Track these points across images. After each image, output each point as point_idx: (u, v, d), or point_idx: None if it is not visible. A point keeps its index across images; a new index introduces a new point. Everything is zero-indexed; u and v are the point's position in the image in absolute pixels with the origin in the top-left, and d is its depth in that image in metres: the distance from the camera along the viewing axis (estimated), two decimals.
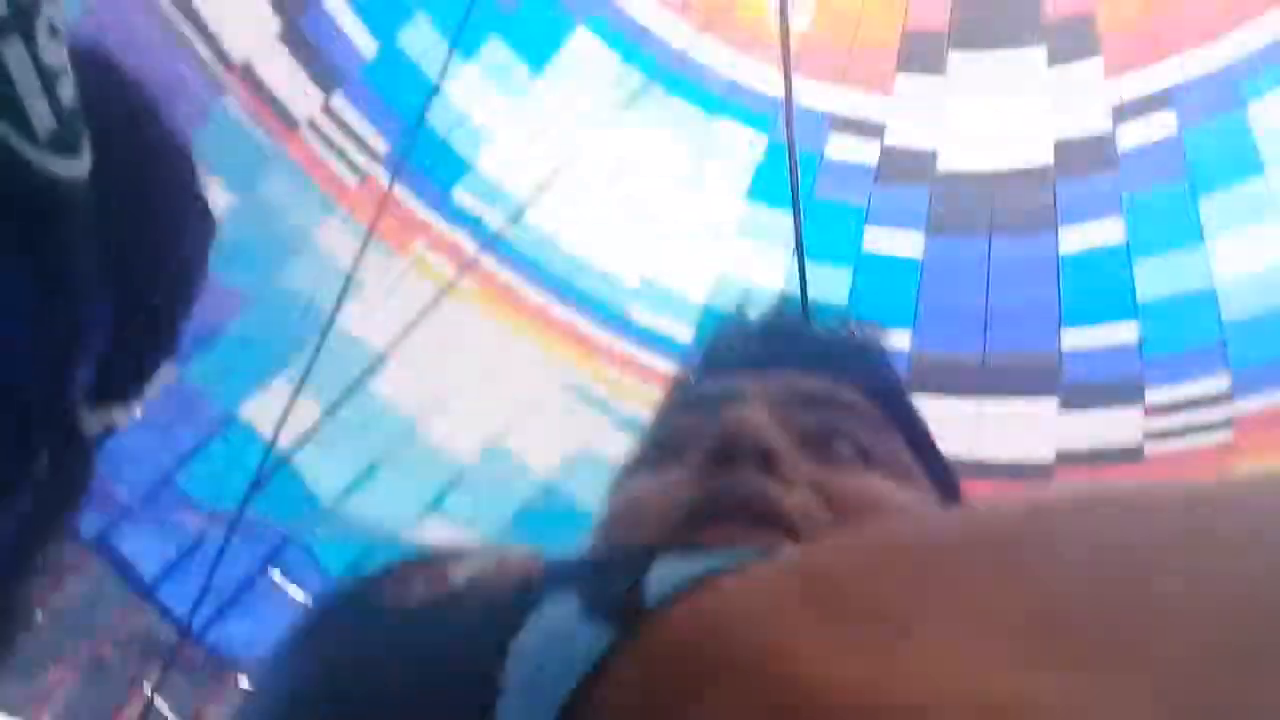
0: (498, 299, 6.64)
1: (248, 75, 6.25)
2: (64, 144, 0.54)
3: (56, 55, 0.54)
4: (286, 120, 6.37)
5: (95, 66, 0.62)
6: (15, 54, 0.52)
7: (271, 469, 3.80)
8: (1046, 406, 5.75)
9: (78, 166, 0.56)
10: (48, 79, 0.53)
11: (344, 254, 5.02)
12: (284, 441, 4.35)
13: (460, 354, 6.08)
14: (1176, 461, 5.52)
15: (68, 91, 0.55)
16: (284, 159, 6.01)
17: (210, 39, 6.07)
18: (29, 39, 0.53)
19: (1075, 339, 5.75)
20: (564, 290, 6.56)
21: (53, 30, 0.54)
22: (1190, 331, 5.51)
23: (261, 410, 5.38)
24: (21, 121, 0.52)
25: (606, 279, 6.50)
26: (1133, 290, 5.52)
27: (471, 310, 6.18)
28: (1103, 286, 5.62)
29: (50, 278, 0.56)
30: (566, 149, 6.41)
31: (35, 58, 0.53)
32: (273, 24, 6.36)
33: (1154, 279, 5.53)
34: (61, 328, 0.58)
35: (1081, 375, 5.71)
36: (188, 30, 5.61)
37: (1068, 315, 5.69)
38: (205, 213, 0.73)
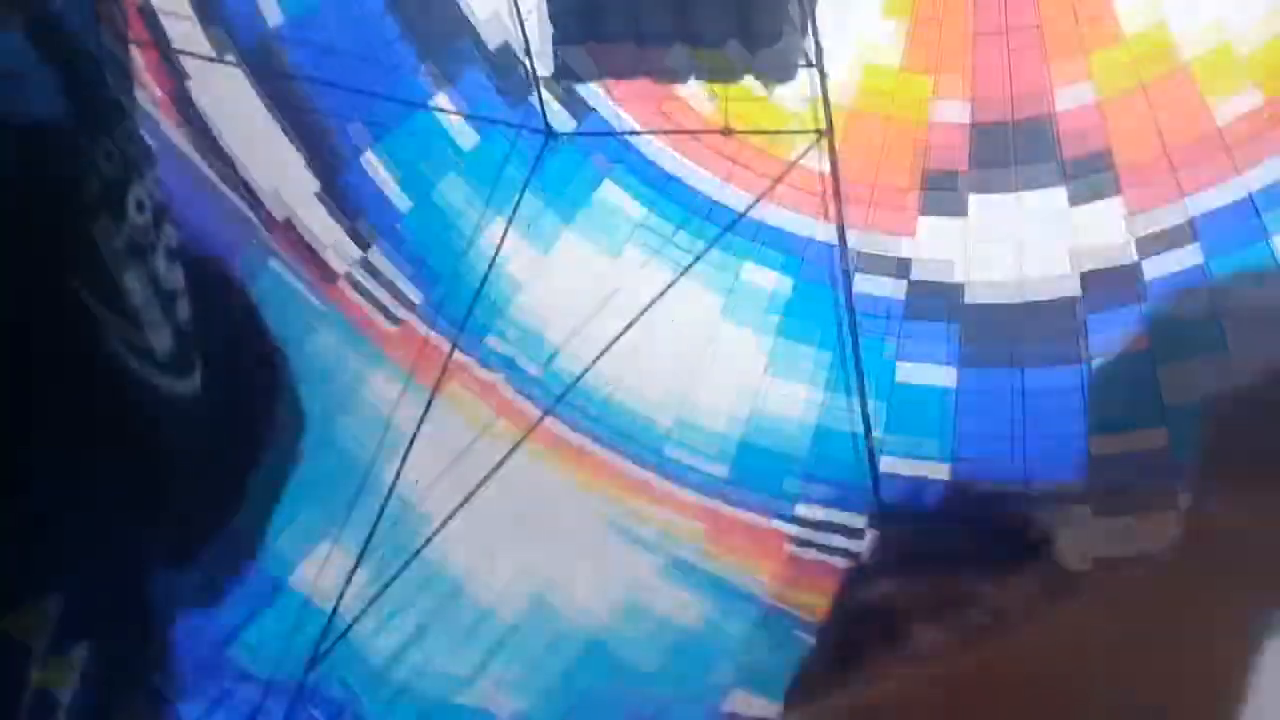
0: (537, 442, 6.70)
1: (289, 232, 6.49)
2: (180, 365, 0.57)
3: (174, 277, 0.58)
4: (326, 274, 6.58)
5: (195, 268, 0.65)
6: (137, 280, 0.56)
7: (332, 644, 3.77)
8: (1079, 513, 5.67)
9: (190, 384, 0.58)
10: (166, 302, 0.57)
11: (388, 408, 5.12)
12: (333, 605, 4.33)
13: (504, 502, 6.10)
14: None
15: (184, 312, 0.58)
16: (330, 314, 6.18)
17: (255, 201, 6.33)
18: (149, 265, 0.56)
19: (1104, 445, 5.71)
20: (599, 430, 6.60)
21: (170, 253, 0.58)
22: None
23: (312, 576, 5.38)
24: (142, 345, 0.55)
25: (640, 419, 6.55)
26: (1159, 396, 5.48)
27: (517, 458, 6.24)
28: (1129, 393, 5.59)
29: (153, 480, 0.58)
30: (596, 295, 6.55)
31: (155, 282, 0.56)
32: (312, 184, 6.62)
33: (1179, 385, 5.48)
34: (156, 529, 0.59)
35: (1113, 482, 5.64)
36: (233, 194, 5.87)
37: (1096, 425, 5.66)
38: (298, 411, 0.76)
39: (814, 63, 4.65)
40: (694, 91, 6.49)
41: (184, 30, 6.21)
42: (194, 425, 0.56)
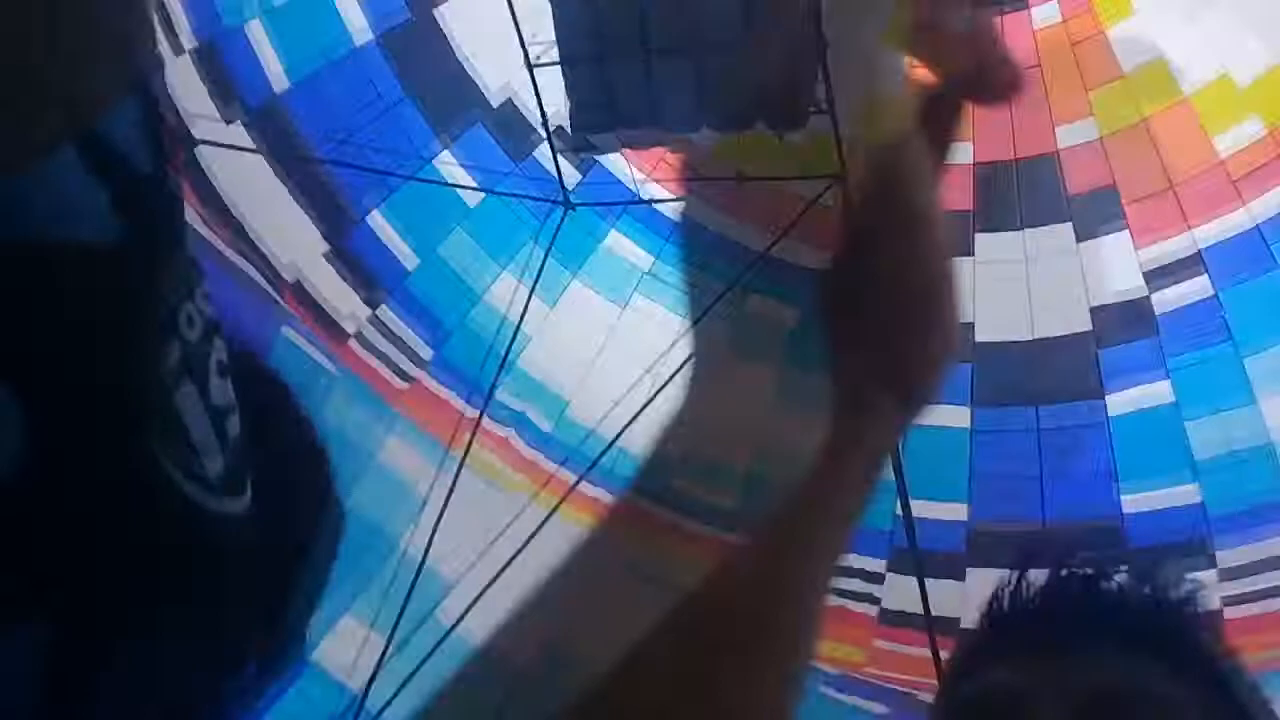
0: (551, 493, 6.67)
1: (300, 293, 6.51)
2: (231, 485, 0.56)
3: (224, 393, 0.57)
4: (337, 334, 6.59)
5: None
6: (189, 400, 0.55)
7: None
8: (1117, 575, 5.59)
9: (242, 503, 0.57)
10: (218, 420, 0.56)
11: (403, 471, 5.08)
12: (355, 680, 4.28)
13: (524, 557, 6.06)
14: (1256, 625, 5.36)
15: (234, 429, 0.58)
16: (343, 379, 6.19)
17: (265, 263, 6.36)
18: (202, 383, 0.56)
19: (1136, 502, 5.68)
20: (609, 476, 6.58)
21: (221, 368, 0.57)
22: (1254, 490, 5.43)
23: (333, 650, 5.32)
24: (193, 467, 0.54)
25: (650, 458, 6.51)
26: (1188, 450, 5.48)
27: (527, 509, 6.20)
28: (1157, 447, 5.58)
29: (207, 602, 0.57)
30: (606, 346, 6.55)
31: (206, 400, 0.55)
32: (320, 245, 6.65)
33: (1208, 438, 5.49)
34: (207, 646, 0.58)
35: (1146, 539, 5.61)
36: (242, 259, 5.90)
37: (1125, 478, 5.63)
38: (338, 511, 0.75)
39: (826, 109, 4.68)
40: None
41: (191, 94, 6.27)
42: (244, 543, 0.55)
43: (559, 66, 5.68)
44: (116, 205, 0.54)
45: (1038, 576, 0.76)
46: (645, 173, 6.67)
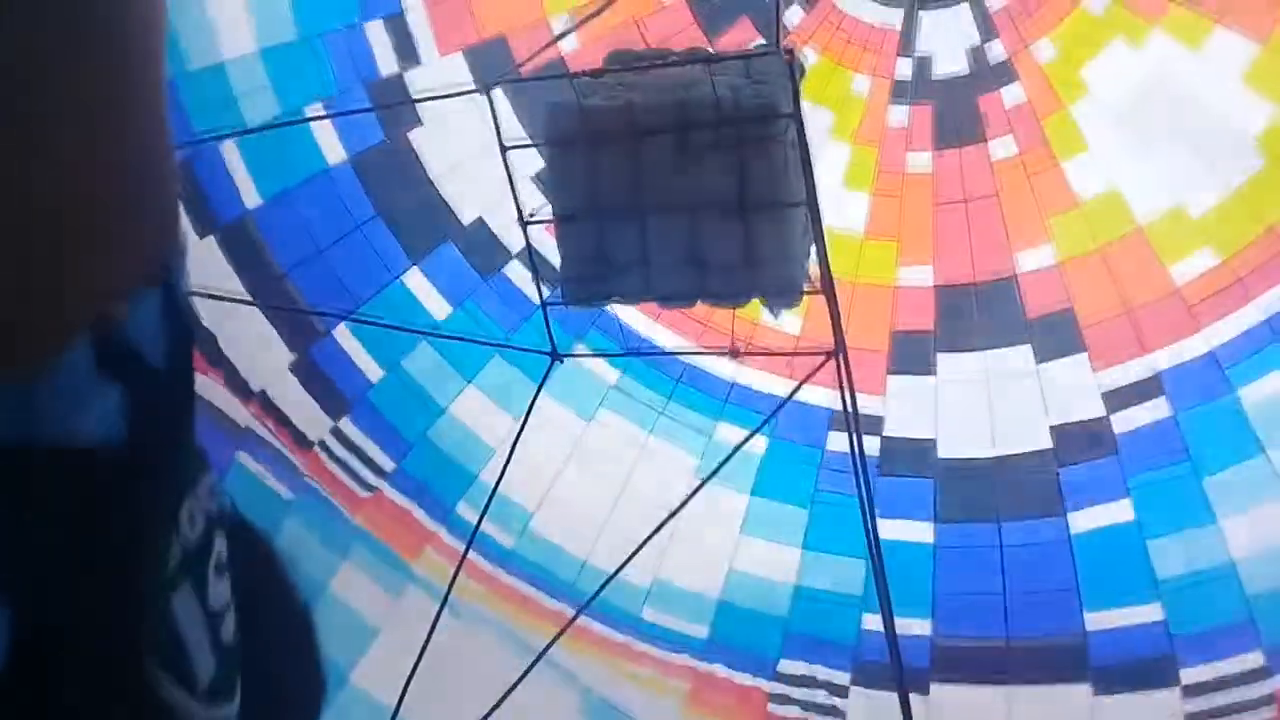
0: (513, 608, 6.55)
1: (265, 402, 6.46)
2: (220, 691, 0.54)
3: (221, 593, 0.55)
4: (301, 442, 6.52)
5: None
6: (186, 605, 0.53)
7: None
8: (1080, 693, 5.58)
9: (229, 709, 0.55)
10: (213, 624, 0.54)
11: (358, 604, 4.93)
12: None
13: (478, 675, 5.90)
14: None
15: (228, 630, 0.56)
16: (299, 503, 6.10)
17: (232, 374, 6.31)
18: (200, 586, 0.54)
19: (1099, 621, 5.69)
20: (575, 596, 6.48)
21: (219, 567, 0.56)
22: (1215, 609, 5.47)
23: None
24: (184, 672, 0.52)
25: (615, 583, 6.43)
26: (1150, 569, 5.52)
27: (487, 621, 6.09)
28: (1120, 567, 5.62)
29: None
30: (569, 461, 6.52)
31: (204, 604, 0.54)
32: (286, 357, 6.63)
33: (1170, 558, 5.54)
34: None
35: (1111, 658, 5.60)
36: (210, 372, 5.86)
37: (1088, 597, 5.65)
38: (320, 676, 0.73)
39: (822, 289, 4.79)
40: None
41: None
42: None
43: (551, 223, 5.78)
44: (125, 402, 0.53)
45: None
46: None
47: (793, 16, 6.00)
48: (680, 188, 4.91)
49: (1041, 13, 5.77)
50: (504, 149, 5.40)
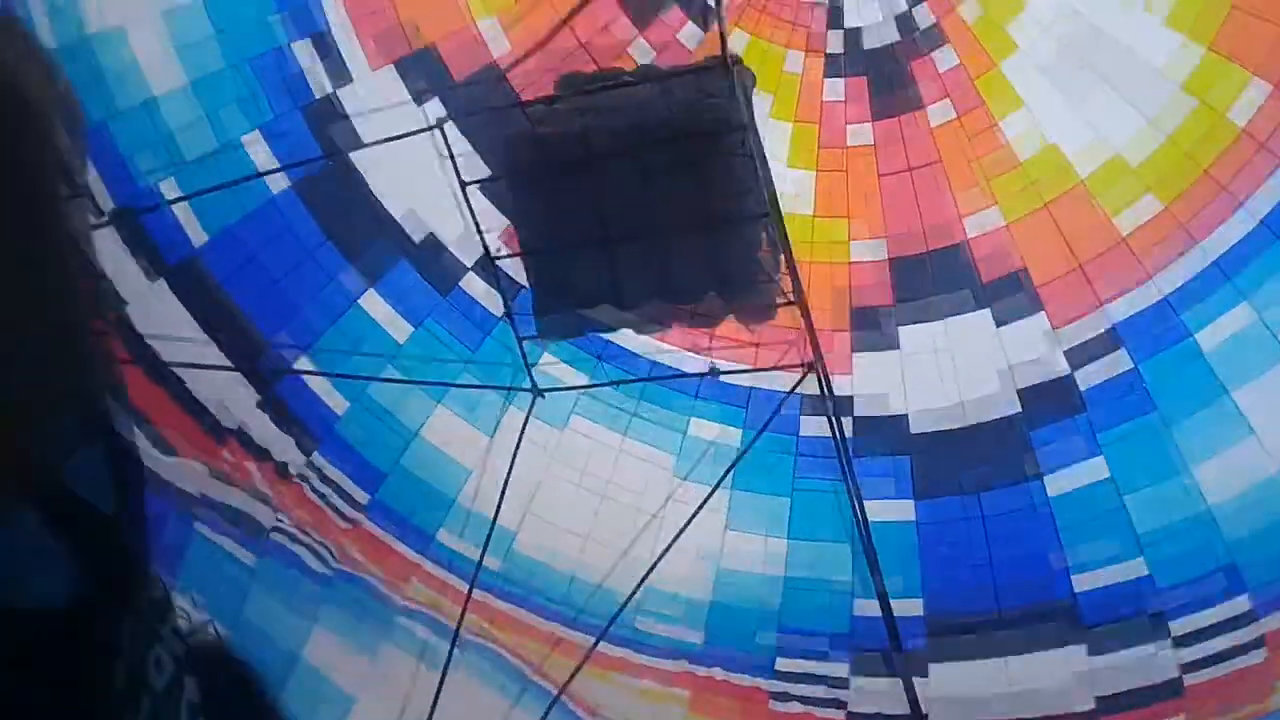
0: (506, 631, 6.53)
1: (243, 439, 6.42)
2: None
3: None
4: (283, 474, 6.49)
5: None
6: None
7: None
8: (1077, 656, 5.59)
9: None
10: None
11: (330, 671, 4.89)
12: None
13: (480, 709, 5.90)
14: (1218, 690, 5.37)
15: None
16: (262, 569, 6.06)
17: (204, 413, 6.26)
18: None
19: (1086, 582, 5.73)
20: (565, 611, 6.45)
21: (192, 710, 0.51)
22: (1197, 557, 5.49)
23: None
24: None
25: (604, 594, 6.40)
26: (1130, 525, 5.53)
27: (483, 650, 6.07)
28: (1100, 525, 5.63)
29: None
30: (545, 472, 6.48)
31: None
32: (251, 395, 6.58)
33: (1148, 511, 5.55)
34: None
35: (1101, 618, 5.62)
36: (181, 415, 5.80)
37: (1072, 559, 5.66)
38: None
39: (795, 300, 4.80)
40: None
41: (113, 256, 6.23)
42: None
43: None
44: (77, 555, 0.48)
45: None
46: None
47: None
48: (643, 210, 4.91)
49: None
50: (463, 185, 5.37)
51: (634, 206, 5.01)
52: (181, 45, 6.24)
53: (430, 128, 5.63)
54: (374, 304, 6.62)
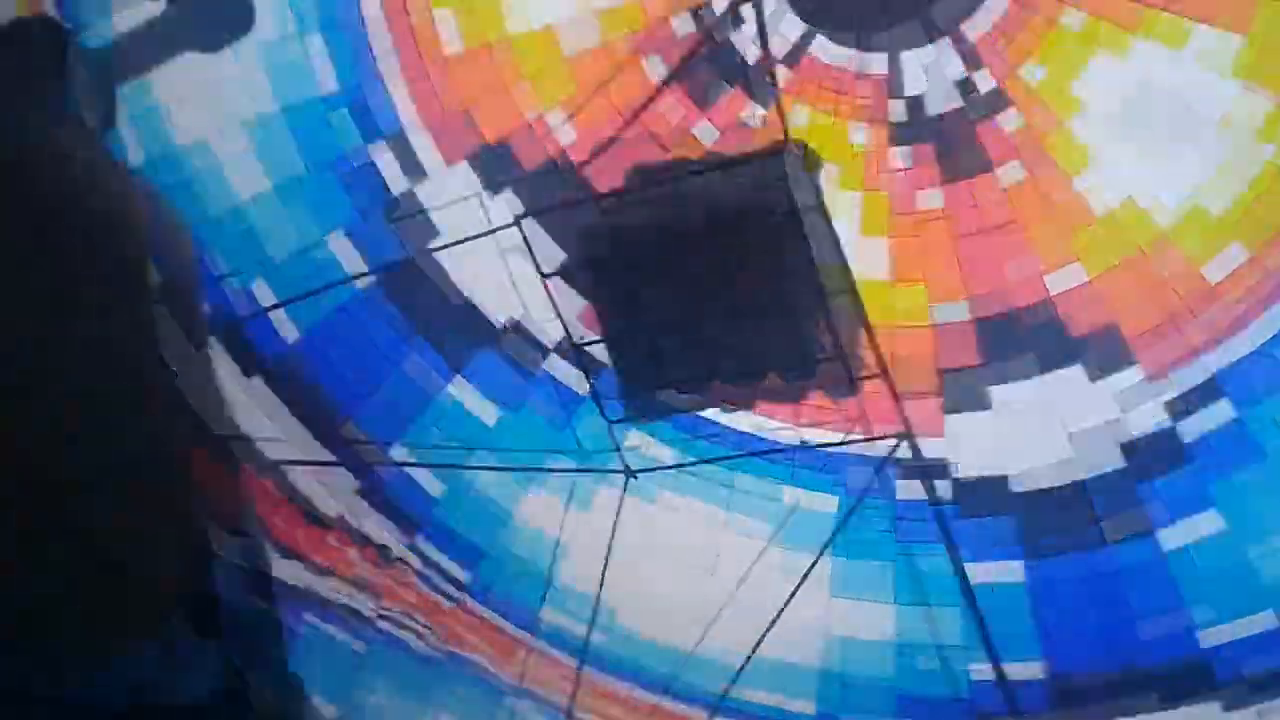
0: (615, 705, 6.58)
1: (345, 527, 6.60)
2: None
3: None
4: (386, 558, 6.64)
5: None
6: None
7: None
8: (1210, 712, 5.48)
9: None
10: None
11: None
12: None
13: None
14: None
15: None
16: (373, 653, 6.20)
17: (308, 505, 6.47)
18: None
19: (1214, 636, 5.63)
20: (671, 685, 6.48)
21: None
22: None
23: None
24: None
25: (706, 665, 6.43)
26: (1254, 576, 5.40)
27: None
28: (1222, 578, 5.52)
29: None
30: (641, 546, 6.54)
31: None
32: (351, 482, 6.76)
33: (1273, 560, 5.42)
34: None
35: (1234, 671, 5.54)
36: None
37: (1197, 614, 5.59)
38: None
39: (878, 373, 4.84)
40: None
41: (213, 359, 6.49)
42: None
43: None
44: (224, 654, 0.56)
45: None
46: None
47: (781, 75, 6.02)
48: (720, 293, 5.01)
49: (1022, 36, 5.74)
50: (544, 276, 5.56)
51: (710, 290, 5.10)
52: (264, 153, 6.51)
53: (508, 225, 5.81)
54: (462, 390, 6.77)
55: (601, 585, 6.40)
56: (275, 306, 6.60)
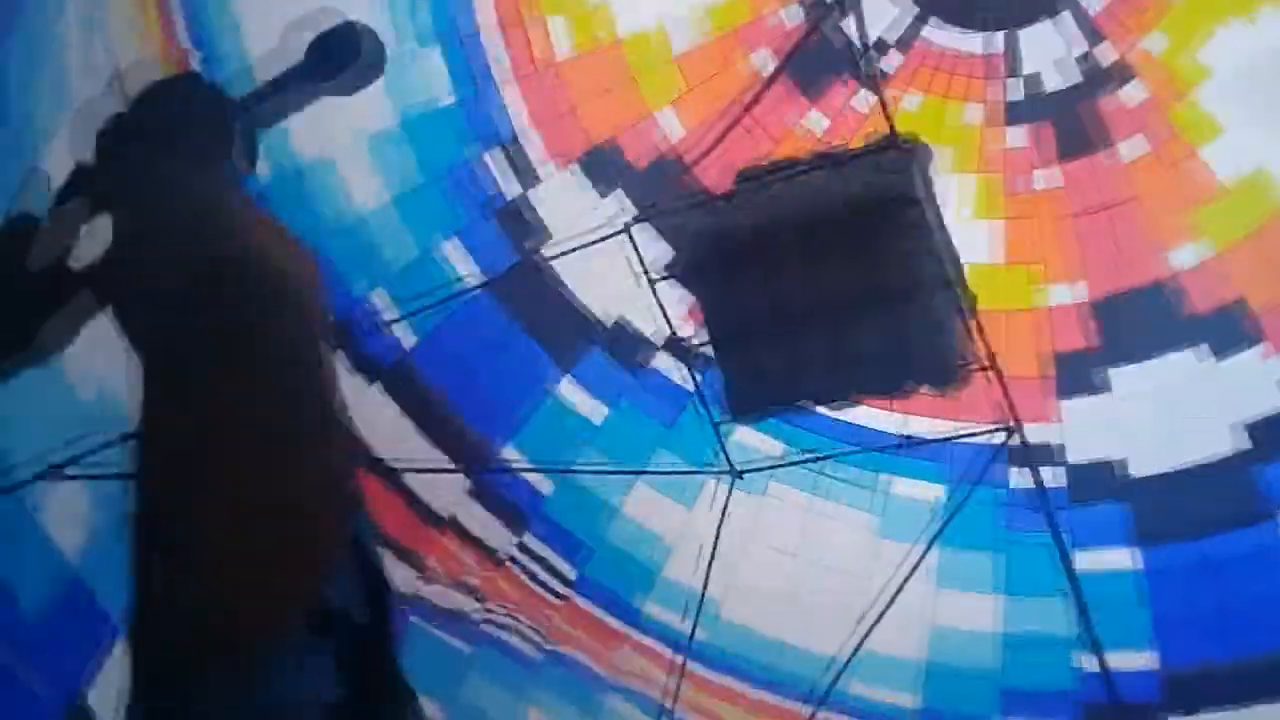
0: (715, 699, 6.49)
1: (455, 528, 6.69)
2: None
3: None
4: (494, 559, 6.71)
5: None
6: None
7: None
8: None
9: None
10: None
11: None
12: None
13: None
14: None
15: None
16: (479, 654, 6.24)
17: (419, 503, 6.59)
18: None
19: None
20: (773, 678, 6.37)
21: None
22: None
23: None
24: None
25: (811, 659, 6.31)
26: None
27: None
28: None
29: None
30: (746, 539, 6.49)
31: None
32: (462, 483, 6.86)
33: None
34: None
35: None
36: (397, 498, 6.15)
37: None
38: None
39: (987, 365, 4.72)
40: None
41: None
42: None
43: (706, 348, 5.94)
44: (339, 664, 0.59)
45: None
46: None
47: (892, 60, 6.04)
48: (826, 289, 4.98)
49: (1145, 6, 5.63)
50: (651, 281, 5.60)
51: (817, 291, 5.07)
52: (384, 167, 6.75)
53: (619, 232, 5.89)
54: (571, 390, 6.85)
55: (707, 579, 6.34)
56: (397, 320, 6.76)
